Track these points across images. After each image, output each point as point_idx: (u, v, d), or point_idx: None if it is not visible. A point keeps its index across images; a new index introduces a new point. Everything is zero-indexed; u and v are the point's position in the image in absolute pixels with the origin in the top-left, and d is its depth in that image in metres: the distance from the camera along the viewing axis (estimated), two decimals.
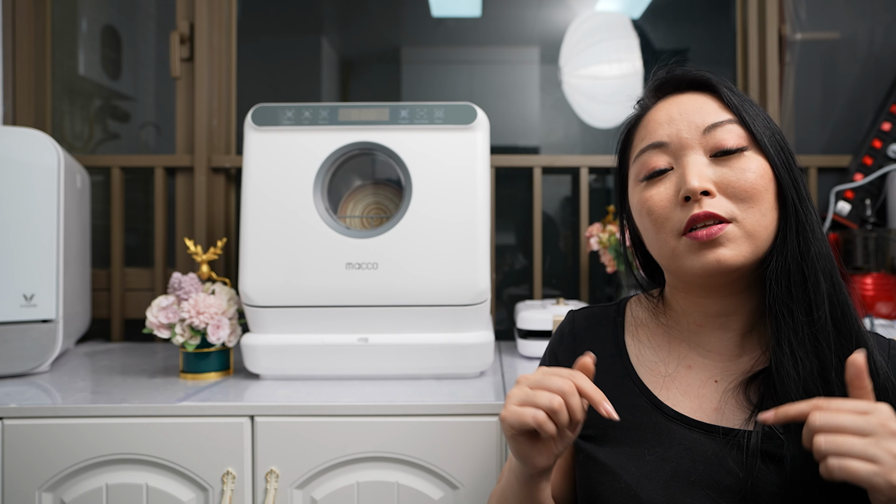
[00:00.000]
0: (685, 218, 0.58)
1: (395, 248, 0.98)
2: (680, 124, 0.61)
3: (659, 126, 0.63)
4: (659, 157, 0.62)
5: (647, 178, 0.62)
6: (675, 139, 0.61)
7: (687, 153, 0.60)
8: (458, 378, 1.01)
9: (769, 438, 0.55)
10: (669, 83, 0.66)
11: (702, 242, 0.57)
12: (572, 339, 0.72)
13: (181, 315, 0.99)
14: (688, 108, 0.62)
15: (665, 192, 0.61)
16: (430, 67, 1.60)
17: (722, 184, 0.58)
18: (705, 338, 0.64)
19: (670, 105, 0.64)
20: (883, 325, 1.15)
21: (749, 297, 0.62)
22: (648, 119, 0.65)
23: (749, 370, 0.61)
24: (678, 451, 0.58)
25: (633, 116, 0.69)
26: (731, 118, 0.60)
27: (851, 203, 1.38)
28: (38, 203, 1.08)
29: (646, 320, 0.70)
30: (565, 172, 1.53)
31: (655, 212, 0.61)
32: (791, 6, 1.47)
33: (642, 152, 0.63)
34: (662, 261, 0.64)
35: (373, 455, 0.85)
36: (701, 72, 0.64)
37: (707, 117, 0.60)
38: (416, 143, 1.01)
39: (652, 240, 0.63)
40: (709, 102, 0.62)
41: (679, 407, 0.61)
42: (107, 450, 0.84)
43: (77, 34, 1.54)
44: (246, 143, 1.02)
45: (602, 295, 1.50)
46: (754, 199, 0.58)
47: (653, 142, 0.62)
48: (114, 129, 1.57)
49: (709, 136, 0.60)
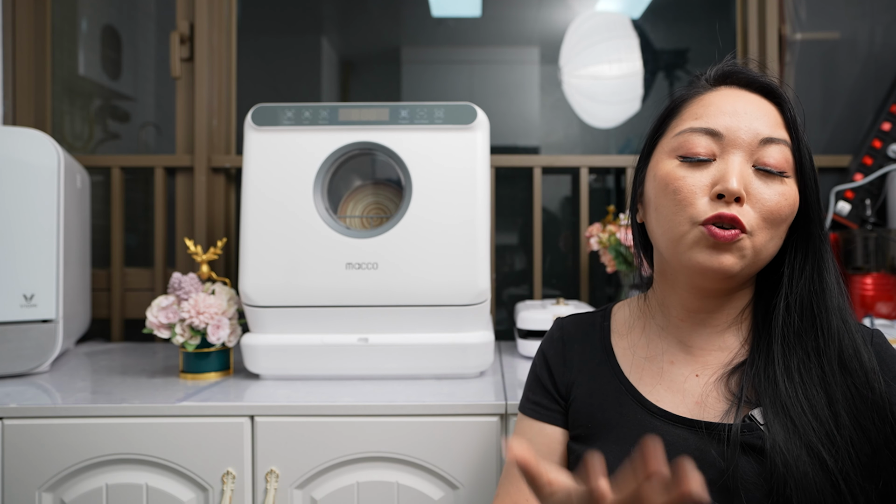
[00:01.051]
0: (711, 212, 0.58)
1: (395, 248, 0.98)
2: (741, 122, 0.60)
3: (721, 113, 0.61)
4: (707, 144, 0.60)
5: (687, 159, 0.61)
6: (731, 134, 0.60)
7: (736, 153, 0.59)
8: (458, 378, 1.01)
9: (749, 430, 0.57)
10: (739, 75, 0.65)
11: (715, 241, 0.57)
12: (562, 344, 0.73)
13: (181, 315, 0.99)
14: (755, 110, 0.61)
15: (700, 180, 0.59)
16: (430, 67, 1.60)
17: (754, 196, 0.58)
18: (686, 333, 0.65)
19: (737, 98, 0.62)
20: (883, 324, 1.15)
21: (732, 298, 0.64)
22: (710, 100, 0.63)
23: (728, 362, 0.62)
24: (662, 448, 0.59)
25: (691, 91, 0.67)
26: (787, 140, 0.60)
27: (851, 203, 1.38)
28: (38, 203, 1.08)
29: (631, 322, 0.71)
30: (565, 172, 1.53)
31: (682, 192, 0.60)
32: (791, 6, 1.47)
33: (693, 131, 0.61)
34: (665, 242, 0.62)
35: (373, 455, 0.85)
36: (772, 79, 0.64)
37: (768, 128, 0.60)
38: (416, 143, 1.01)
39: (664, 218, 0.62)
40: (773, 113, 0.61)
41: (663, 403, 0.62)
42: (107, 450, 0.84)
43: (77, 34, 1.54)
44: (246, 143, 1.02)
45: (602, 295, 1.50)
46: (775, 223, 0.59)
47: (709, 126, 0.61)
48: (114, 129, 1.57)
49: (762, 148, 0.59)
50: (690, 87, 0.67)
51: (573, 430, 0.68)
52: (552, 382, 0.71)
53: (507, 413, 0.85)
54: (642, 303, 0.72)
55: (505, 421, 0.85)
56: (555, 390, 0.70)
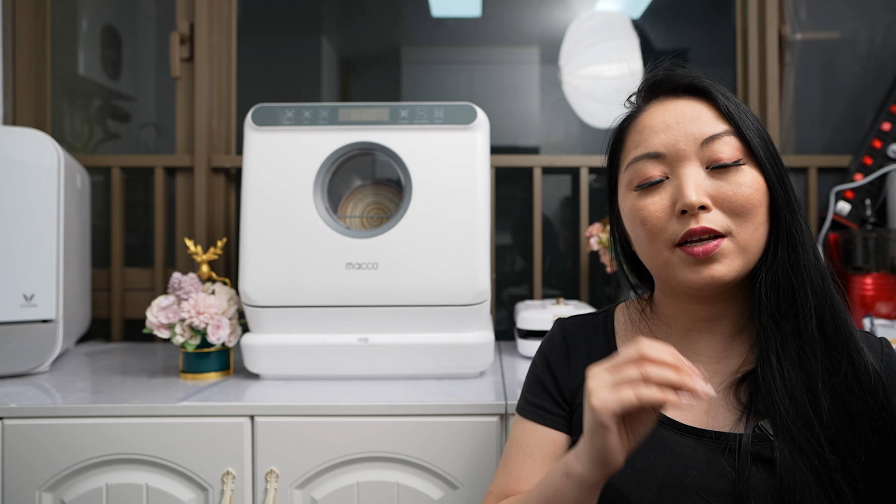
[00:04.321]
0: (681, 231, 0.58)
1: (395, 247, 0.98)
2: (677, 134, 0.60)
3: (654, 134, 0.61)
4: (654, 167, 0.60)
5: (641, 187, 0.61)
6: (671, 150, 0.60)
7: (684, 165, 0.59)
8: (458, 378, 1.01)
9: (760, 441, 0.55)
10: (664, 85, 0.65)
11: (697, 258, 0.57)
12: (565, 345, 0.71)
13: (181, 315, 0.99)
14: (684, 116, 0.60)
15: (660, 203, 0.60)
16: (430, 67, 1.60)
17: (718, 198, 0.58)
18: (694, 342, 0.64)
19: (665, 111, 0.62)
20: (883, 324, 1.15)
21: (736, 302, 0.63)
22: (642, 124, 0.63)
23: (737, 370, 0.61)
24: (669, 458, 0.58)
25: (625, 117, 0.67)
26: (728, 129, 0.59)
27: (851, 203, 1.38)
28: (38, 203, 1.08)
29: (634, 327, 0.69)
30: (565, 172, 1.53)
31: (650, 222, 0.60)
32: (791, 6, 1.47)
33: (637, 160, 0.62)
34: (654, 269, 0.63)
35: (373, 455, 0.85)
36: (696, 76, 0.63)
37: (704, 128, 0.59)
38: (416, 143, 1.01)
39: (645, 249, 0.62)
40: (705, 111, 0.60)
41: (670, 412, 0.61)
42: (107, 450, 0.84)
43: (77, 34, 1.54)
44: (246, 143, 1.02)
45: (602, 295, 1.50)
46: (749, 213, 0.58)
47: (648, 151, 0.61)
48: (114, 129, 1.57)
49: (706, 148, 0.59)
50: (625, 114, 0.68)
51: (577, 436, 0.66)
52: (555, 386, 0.69)
53: (507, 413, 0.85)
54: (645, 306, 0.70)
55: (505, 421, 0.85)
56: (558, 394, 0.69)
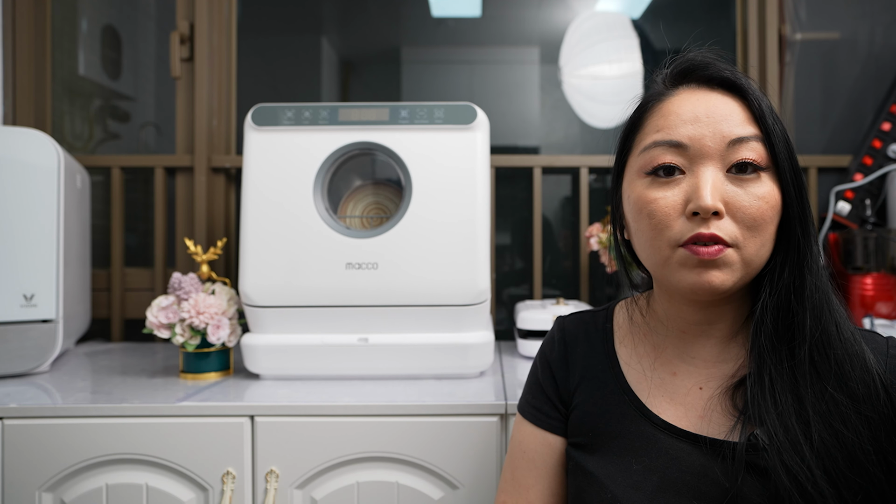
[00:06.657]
0: (688, 233, 0.55)
1: (395, 248, 0.98)
2: (705, 129, 0.56)
3: (681, 123, 0.57)
4: (673, 156, 0.57)
5: (654, 172, 0.58)
6: (696, 144, 0.56)
7: (706, 163, 0.56)
8: (458, 378, 1.01)
9: (754, 450, 0.54)
10: (699, 72, 0.60)
11: (699, 259, 0.55)
12: (564, 346, 0.71)
13: (181, 315, 0.99)
14: (716, 111, 0.57)
15: (672, 199, 0.57)
16: (430, 67, 1.60)
17: (733, 206, 0.55)
18: (689, 344, 0.63)
19: (697, 101, 0.58)
20: (883, 325, 1.15)
21: (732, 307, 0.61)
22: (668, 108, 0.59)
23: (733, 374, 0.59)
24: (665, 462, 0.57)
25: (649, 97, 0.63)
26: (757, 134, 0.56)
27: (851, 203, 1.38)
28: (38, 203, 1.08)
29: (633, 327, 0.68)
30: (565, 172, 1.53)
31: (657, 216, 0.57)
32: (791, 6, 1.47)
33: (656, 145, 0.58)
34: (651, 265, 0.61)
35: (373, 455, 0.85)
36: (735, 71, 0.60)
37: (735, 128, 0.56)
38: (416, 143, 1.01)
39: (645, 242, 0.60)
40: (737, 111, 0.57)
41: (666, 415, 0.60)
42: (107, 450, 0.84)
43: (77, 34, 1.54)
44: (246, 143, 1.02)
45: (602, 295, 1.50)
46: (760, 227, 0.55)
47: (671, 139, 0.57)
48: (114, 129, 1.57)
49: (731, 149, 0.56)
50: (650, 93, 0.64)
51: (573, 438, 0.66)
52: (554, 388, 0.69)
53: (507, 413, 0.85)
54: (644, 305, 0.69)
55: (505, 421, 0.85)
56: (556, 397, 0.68)
